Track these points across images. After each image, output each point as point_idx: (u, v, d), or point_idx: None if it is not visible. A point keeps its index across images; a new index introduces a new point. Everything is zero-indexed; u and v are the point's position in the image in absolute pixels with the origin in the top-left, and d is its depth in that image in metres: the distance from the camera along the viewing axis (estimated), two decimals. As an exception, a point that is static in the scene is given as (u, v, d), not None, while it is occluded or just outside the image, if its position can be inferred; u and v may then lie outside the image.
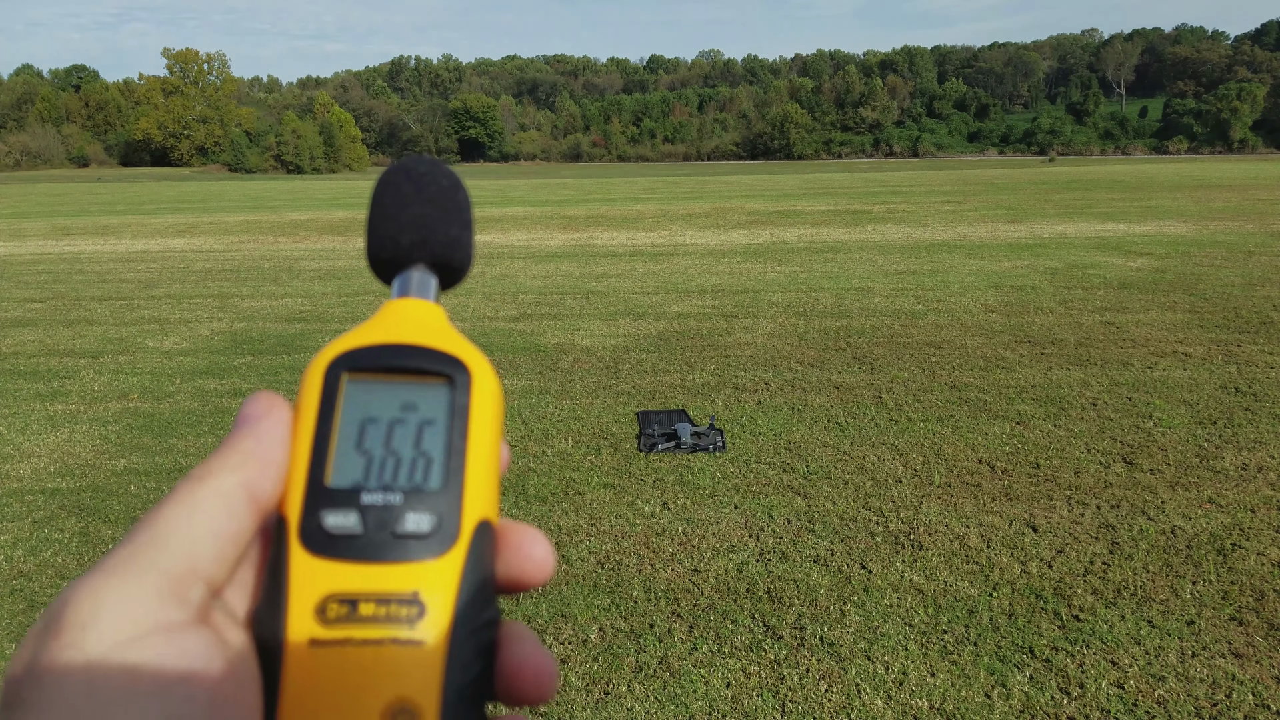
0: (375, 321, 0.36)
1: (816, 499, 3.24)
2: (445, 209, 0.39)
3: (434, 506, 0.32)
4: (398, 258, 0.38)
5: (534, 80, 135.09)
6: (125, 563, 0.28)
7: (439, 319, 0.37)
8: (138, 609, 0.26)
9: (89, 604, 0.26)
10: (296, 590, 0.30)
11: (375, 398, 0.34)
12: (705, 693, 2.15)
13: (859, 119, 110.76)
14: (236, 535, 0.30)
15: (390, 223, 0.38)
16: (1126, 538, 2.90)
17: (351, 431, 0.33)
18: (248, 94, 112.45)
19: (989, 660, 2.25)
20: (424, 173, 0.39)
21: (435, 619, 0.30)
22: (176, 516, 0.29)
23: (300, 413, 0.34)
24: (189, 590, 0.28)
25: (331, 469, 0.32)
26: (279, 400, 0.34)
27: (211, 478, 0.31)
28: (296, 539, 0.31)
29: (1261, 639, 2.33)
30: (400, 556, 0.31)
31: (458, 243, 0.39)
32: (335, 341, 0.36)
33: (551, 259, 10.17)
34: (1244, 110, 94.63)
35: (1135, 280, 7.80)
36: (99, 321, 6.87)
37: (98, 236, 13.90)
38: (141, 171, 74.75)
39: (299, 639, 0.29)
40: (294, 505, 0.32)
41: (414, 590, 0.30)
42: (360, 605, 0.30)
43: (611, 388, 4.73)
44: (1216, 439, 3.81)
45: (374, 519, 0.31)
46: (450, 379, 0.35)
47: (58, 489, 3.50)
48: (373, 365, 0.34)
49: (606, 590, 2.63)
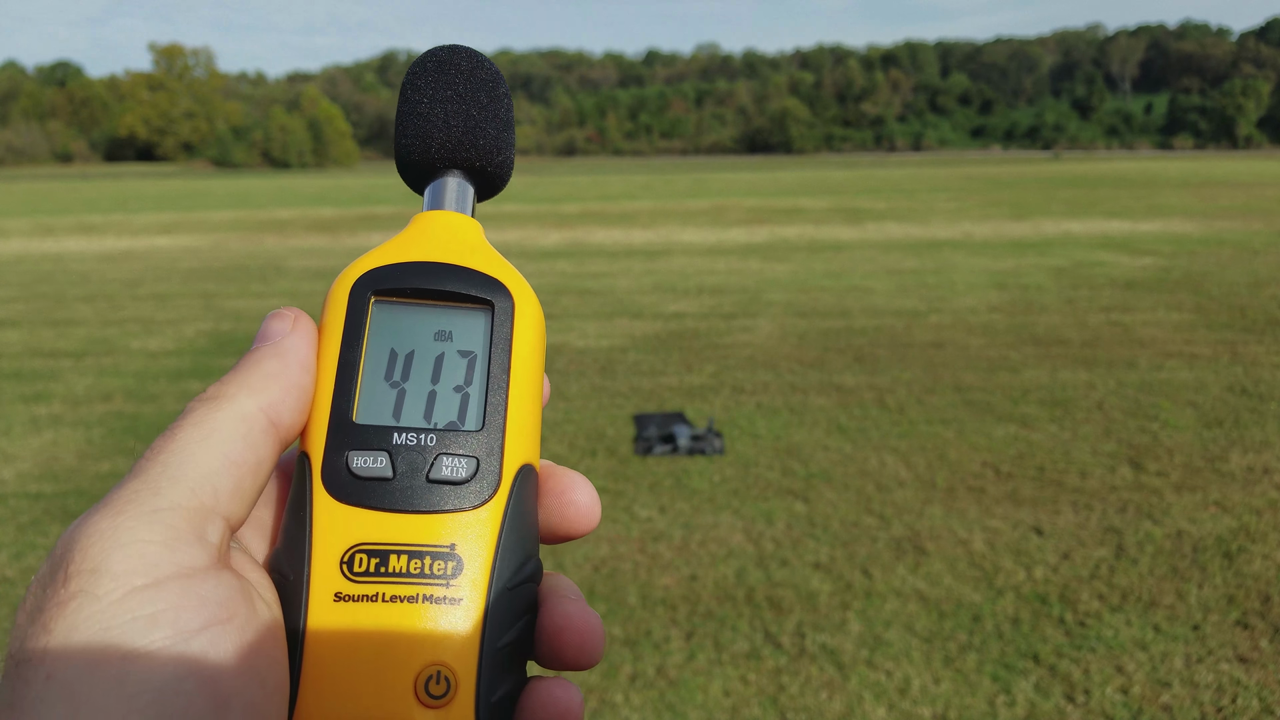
0: (405, 236, 0.32)
1: (817, 503, 3.21)
2: (484, 105, 0.34)
3: (473, 449, 0.29)
4: (429, 161, 0.34)
5: (527, 74, 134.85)
6: (135, 497, 0.24)
7: (476, 235, 0.33)
8: (151, 551, 0.23)
9: (99, 545, 0.23)
10: (320, 539, 0.27)
11: (407, 324, 0.30)
12: (703, 701, 2.12)
13: (860, 114, 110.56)
14: (257, 466, 0.27)
15: (421, 120, 0.33)
16: (1132, 542, 2.87)
17: (380, 362, 0.30)
18: (234, 89, 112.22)
19: (993, 667, 2.22)
20: (459, 64, 0.34)
21: (473, 575, 0.27)
22: (191, 443, 0.26)
23: (324, 338, 0.30)
24: (207, 528, 0.25)
25: (359, 404, 0.29)
26: (305, 317, 0.30)
27: (229, 400, 0.27)
28: (320, 481, 0.28)
29: (1267, 643, 2.30)
30: (435, 505, 0.28)
31: (498, 144, 0.34)
32: (362, 258, 0.31)
33: (545, 257, 10.14)
34: (1249, 107, 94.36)
35: (1141, 279, 7.75)
36: (82, 322, 6.84)
37: (81, 235, 13.86)
38: (126, 168, 74.56)
39: (323, 593, 0.26)
40: (317, 443, 0.28)
41: (450, 543, 0.27)
42: (391, 558, 0.27)
43: (607, 389, 4.70)
44: (1223, 440, 3.77)
45: (406, 462, 0.28)
46: (490, 305, 0.31)
47: (41, 493, 3.48)
48: (403, 287, 0.30)
49: (602, 597, 2.60)
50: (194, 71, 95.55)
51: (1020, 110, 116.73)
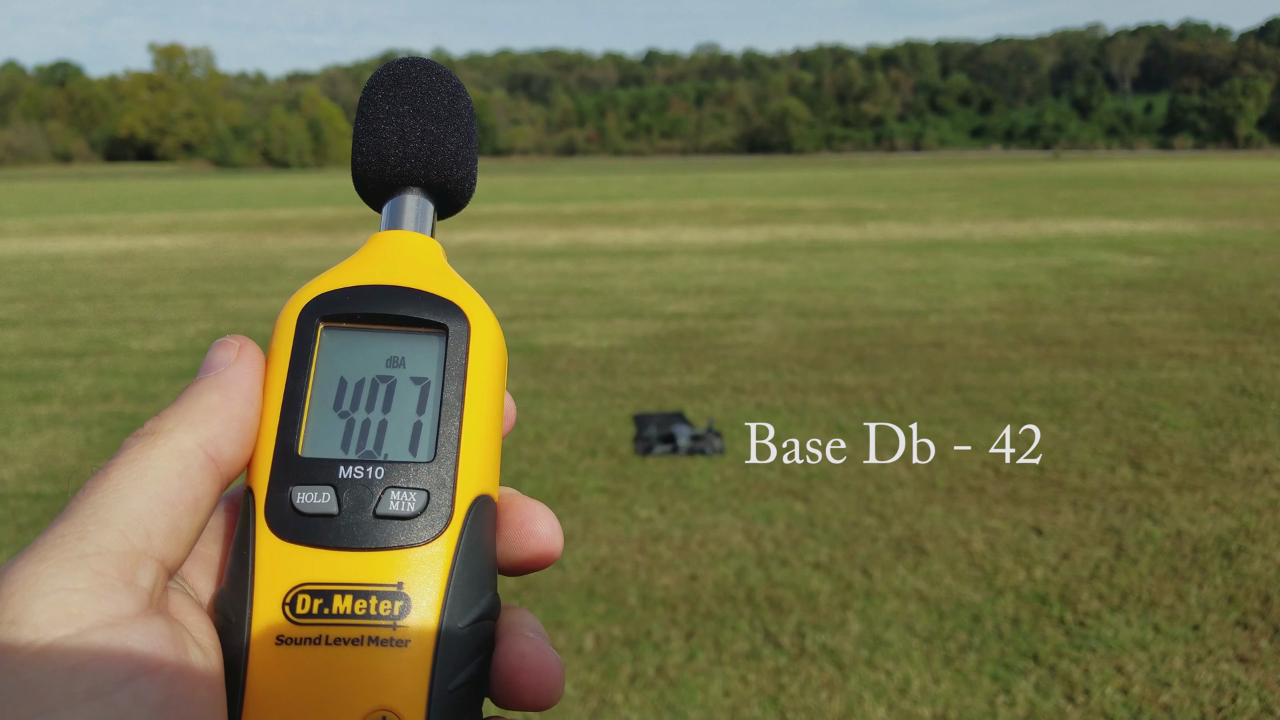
0: (359, 258, 0.31)
1: (817, 503, 3.21)
2: (442, 120, 0.33)
3: (423, 482, 0.27)
4: (386, 178, 0.32)
5: (527, 74, 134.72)
6: (61, 541, 0.23)
7: (434, 256, 0.32)
8: (75, 600, 0.22)
9: (19, 595, 0.22)
10: (263, 579, 0.26)
11: (356, 351, 0.29)
12: (703, 701, 2.12)
13: (860, 114, 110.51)
14: (194, 505, 0.25)
15: (376, 136, 0.32)
16: (1132, 542, 2.87)
17: (329, 391, 0.28)
18: (234, 89, 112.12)
19: (993, 667, 2.22)
20: (416, 76, 0.33)
21: (422, 615, 0.26)
22: (124, 482, 0.25)
23: (271, 367, 0.29)
24: (137, 572, 0.23)
25: (305, 436, 0.28)
26: (251, 346, 0.29)
27: (165, 436, 0.27)
28: (263, 518, 0.27)
29: (1267, 643, 2.30)
30: (382, 542, 0.26)
31: (457, 159, 0.33)
32: (312, 282, 0.30)
33: (545, 257, 10.14)
34: (1249, 107, 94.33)
35: (1141, 279, 7.75)
36: (82, 322, 6.84)
37: (81, 235, 13.85)
38: (126, 168, 74.47)
39: (264, 637, 0.25)
40: (261, 477, 0.27)
41: (398, 581, 0.26)
42: (335, 598, 0.26)
43: (607, 389, 4.70)
44: (1223, 440, 3.77)
45: (352, 497, 0.27)
46: (444, 329, 0.29)
47: (41, 493, 3.47)
48: (354, 312, 0.29)
49: (602, 597, 2.60)
50: (194, 71, 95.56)
51: (1020, 110, 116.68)
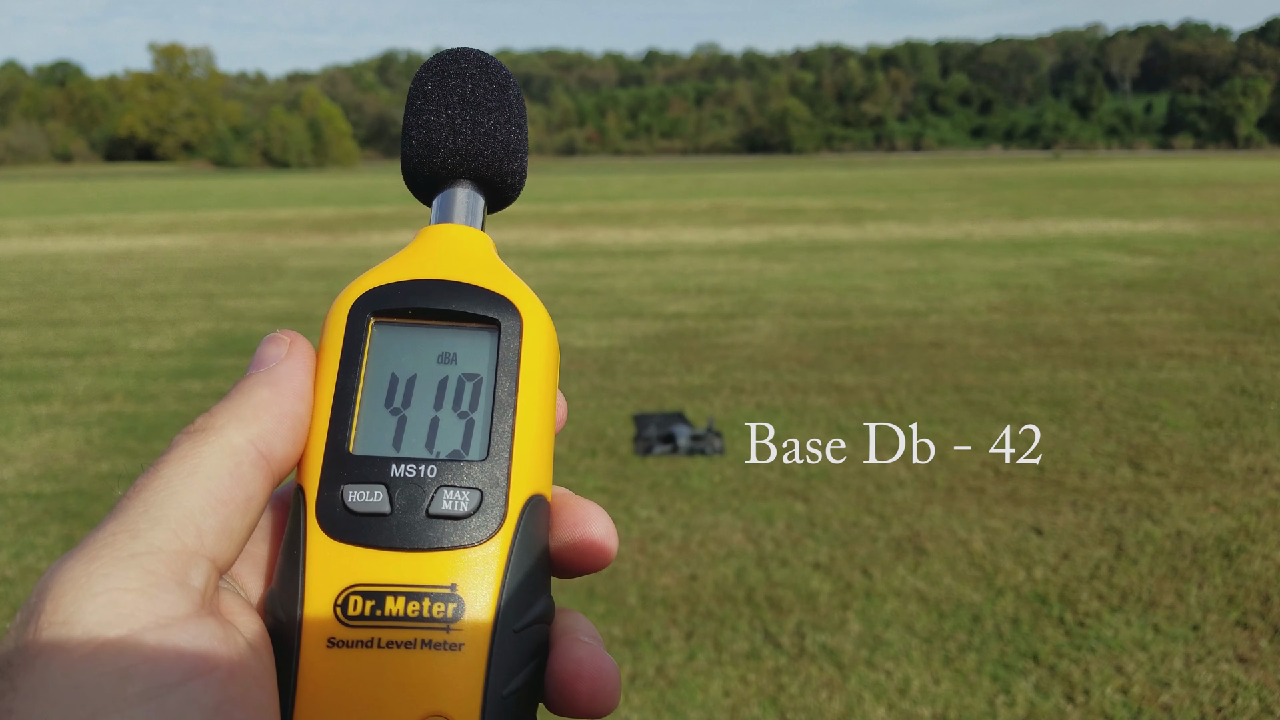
0: (410, 252, 0.31)
1: (817, 503, 3.21)
2: (493, 111, 0.32)
3: (476, 480, 0.27)
4: (437, 172, 0.32)
5: (527, 74, 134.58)
6: (112, 540, 0.23)
7: (485, 249, 0.31)
8: (127, 600, 0.22)
9: (70, 595, 0.21)
10: (313, 580, 0.25)
11: (408, 347, 0.29)
12: (703, 701, 2.12)
13: (860, 114, 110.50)
14: (246, 503, 0.25)
15: (426, 129, 0.32)
16: (1132, 542, 2.87)
17: (380, 388, 0.28)
18: (234, 89, 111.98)
19: (993, 667, 2.22)
20: (466, 67, 0.33)
21: (476, 617, 0.25)
22: (175, 480, 0.24)
23: (321, 363, 0.28)
24: (189, 572, 0.23)
25: (356, 433, 0.27)
26: (302, 341, 0.28)
27: (216, 433, 0.26)
28: (314, 518, 0.26)
29: (1267, 643, 2.30)
30: (435, 542, 0.26)
31: (507, 151, 0.32)
32: (363, 277, 0.30)
33: (545, 257, 10.15)
34: (1249, 107, 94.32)
35: (1141, 279, 7.75)
36: (82, 322, 6.84)
37: (81, 235, 13.84)
38: (126, 168, 74.43)
39: (315, 639, 0.25)
40: (312, 476, 0.27)
41: (451, 582, 0.26)
42: (387, 600, 0.25)
43: (607, 389, 4.70)
44: (1223, 440, 3.77)
45: (404, 496, 0.26)
46: (496, 324, 0.29)
47: (41, 493, 3.48)
48: (405, 308, 0.29)
49: (602, 597, 2.60)
50: (194, 71, 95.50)
51: (1020, 110, 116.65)
